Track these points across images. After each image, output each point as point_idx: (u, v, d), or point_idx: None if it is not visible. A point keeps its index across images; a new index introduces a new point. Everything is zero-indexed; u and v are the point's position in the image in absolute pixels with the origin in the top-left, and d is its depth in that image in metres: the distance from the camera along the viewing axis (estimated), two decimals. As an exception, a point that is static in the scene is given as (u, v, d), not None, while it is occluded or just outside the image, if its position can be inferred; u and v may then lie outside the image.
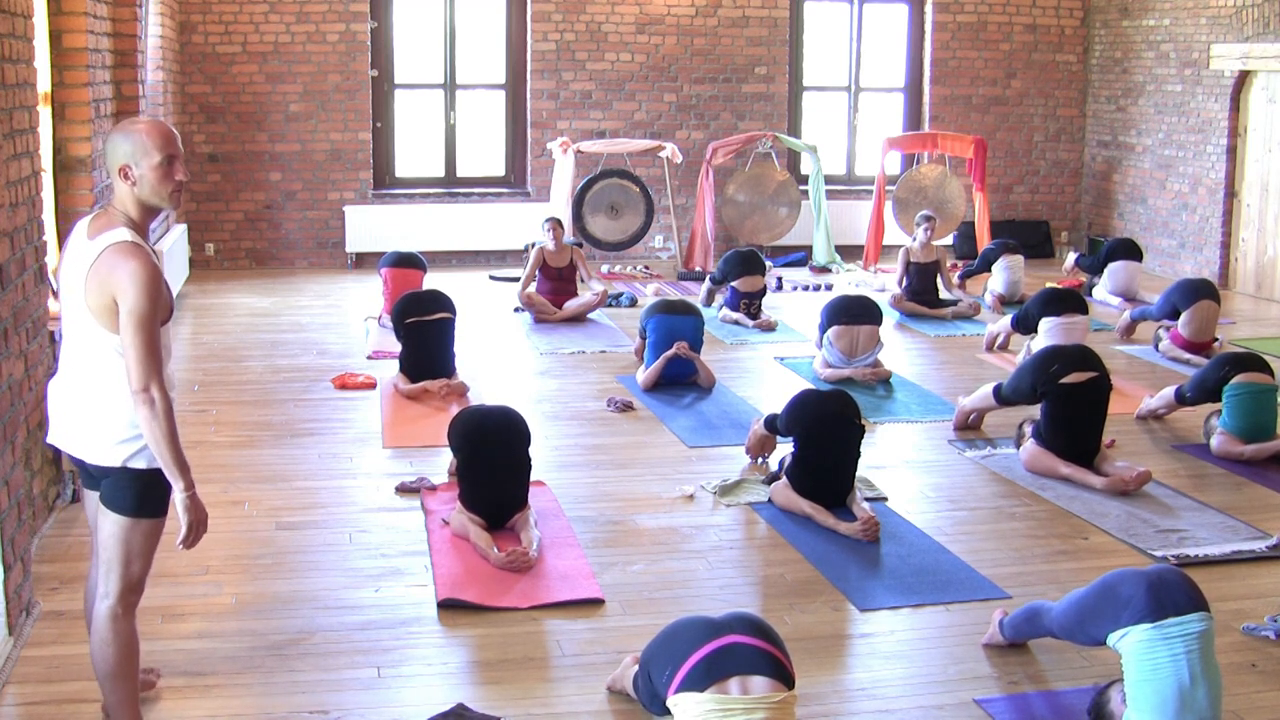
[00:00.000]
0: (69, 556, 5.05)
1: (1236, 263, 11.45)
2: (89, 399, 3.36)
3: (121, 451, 3.35)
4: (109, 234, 3.29)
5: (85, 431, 3.39)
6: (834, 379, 7.89)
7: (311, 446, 6.56)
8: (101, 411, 3.35)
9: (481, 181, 12.62)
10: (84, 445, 3.40)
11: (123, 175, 3.33)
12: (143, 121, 3.41)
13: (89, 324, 3.31)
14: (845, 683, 4.19)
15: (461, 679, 4.15)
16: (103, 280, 3.25)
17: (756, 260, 9.93)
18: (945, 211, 12.61)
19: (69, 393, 3.42)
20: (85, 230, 3.37)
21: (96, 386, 3.34)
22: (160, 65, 10.07)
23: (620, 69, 12.50)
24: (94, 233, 3.33)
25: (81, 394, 3.38)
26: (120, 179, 3.34)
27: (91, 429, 3.37)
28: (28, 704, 3.91)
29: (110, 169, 3.36)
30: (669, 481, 6.08)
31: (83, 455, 3.42)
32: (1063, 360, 6.24)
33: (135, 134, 3.34)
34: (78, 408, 3.40)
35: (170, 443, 3.27)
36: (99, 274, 3.25)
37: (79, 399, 3.39)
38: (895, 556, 5.20)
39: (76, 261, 3.33)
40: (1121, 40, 12.91)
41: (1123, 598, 3.66)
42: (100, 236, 3.30)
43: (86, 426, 3.38)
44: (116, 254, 3.25)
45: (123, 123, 3.44)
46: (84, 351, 3.35)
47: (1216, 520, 5.66)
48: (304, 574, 4.94)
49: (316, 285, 11.22)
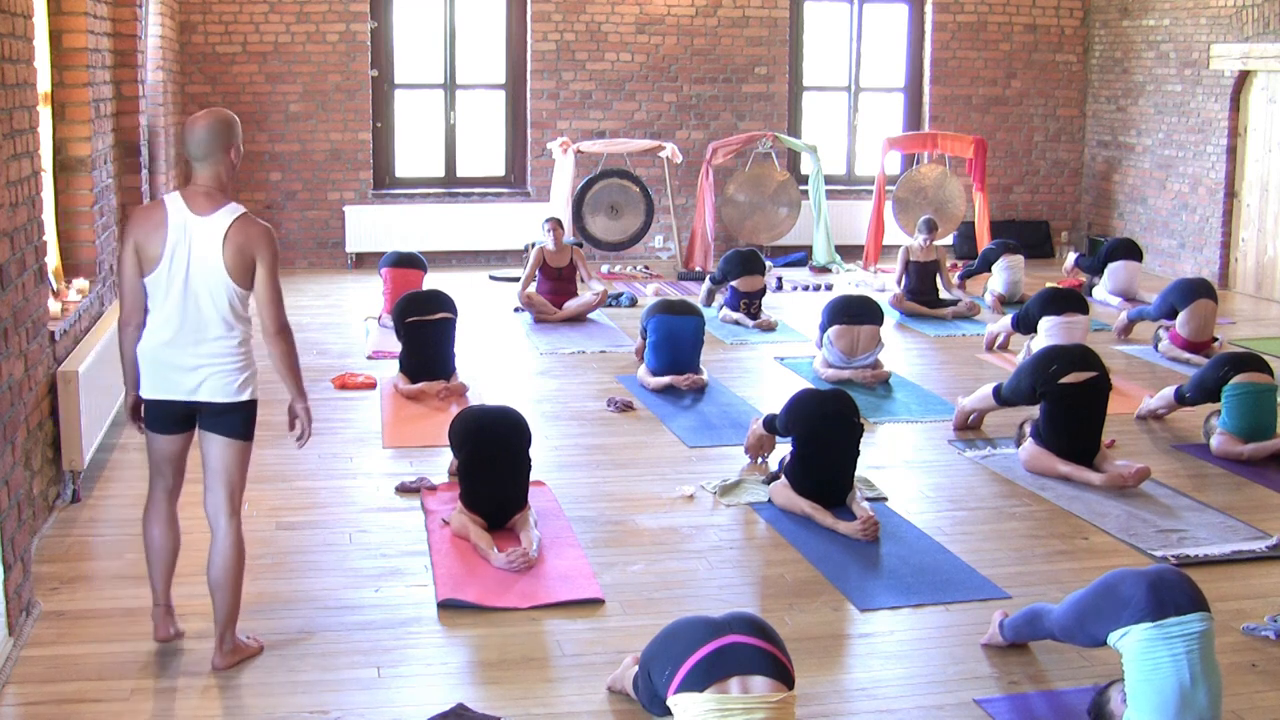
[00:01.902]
0: (69, 556, 5.05)
1: (1236, 263, 11.45)
2: (217, 349, 3.99)
3: (245, 389, 4.05)
4: (227, 208, 3.96)
5: (214, 377, 3.99)
6: (834, 379, 7.89)
7: (311, 446, 6.52)
8: (229, 358, 4.01)
9: (481, 181, 12.62)
10: (213, 389, 4.00)
11: (235, 153, 4.02)
12: (227, 111, 4.10)
13: (222, 284, 3.93)
14: (845, 683, 4.19)
15: (461, 679, 4.15)
16: (240, 245, 3.92)
17: (756, 260, 9.93)
18: (945, 211, 12.62)
19: (191, 348, 3.97)
20: (184, 206, 3.93)
21: (225, 338, 3.99)
22: (160, 65, 10.06)
23: (620, 69, 12.50)
24: (202, 209, 3.93)
25: (208, 346, 3.98)
26: (230, 156, 4.00)
27: (221, 374, 4.00)
28: (28, 704, 3.92)
29: (218, 148, 3.96)
30: (669, 481, 6.08)
31: (211, 398, 4.00)
32: (1062, 360, 6.24)
33: (235, 120, 4.04)
34: (203, 358, 3.98)
35: (299, 367, 4.15)
36: (235, 241, 3.92)
37: (205, 351, 3.98)
38: (895, 556, 5.20)
39: (200, 231, 3.91)
40: (1121, 40, 12.91)
41: (1123, 597, 3.66)
42: (218, 211, 3.94)
43: (216, 372, 3.99)
44: (248, 222, 3.96)
45: (216, 110, 4.07)
46: (210, 310, 3.95)
47: (1216, 520, 5.66)
48: (304, 574, 4.94)
49: (316, 285, 11.23)
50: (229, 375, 4.01)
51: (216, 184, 3.99)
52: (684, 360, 7.76)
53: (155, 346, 4.00)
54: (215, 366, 3.99)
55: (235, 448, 4.07)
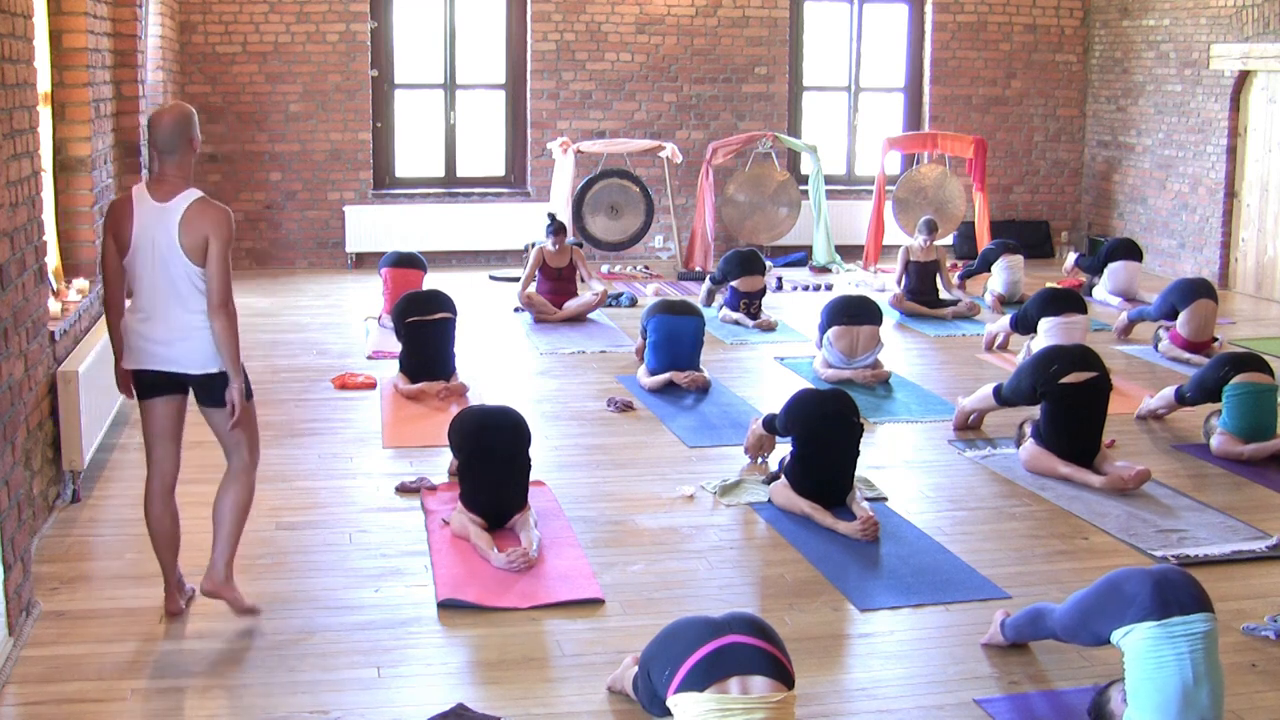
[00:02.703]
0: (69, 556, 5.05)
1: (1236, 263, 11.45)
2: (187, 323, 4.29)
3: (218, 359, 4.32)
4: (185, 194, 4.26)
5: (186, 349, 4.31)
6: (834, 379, 7.89)
7: (311, 446, 6.57)
8: (198, 330, 4.29)
9: (481, 181, 12.62)
10: (188, 360, 4.31)
11: (195, 145, 4.33)
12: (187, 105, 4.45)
13: (181, 264, 4.24)
14: (845, 683, 4.19)
15: (461, 679, 4.15)
16: (196, 226, 4.23)
17: (756, 260, 9.93)
18: (945, 211, 12.62)
19: (162, 323, 4.29)
20: (147, 196, 4.26)
21: (192, 312, 4.28)
22: (160, 65, 10.07)
23: (620, 69, 12.50)
24: (164, 197, 4.25)
25: (178, 320, 4.29)
26: (192, 149, 4.32)
27: (191, 344, 4.30)
28: (28, 704, 3.92)
29: (181, 140, 4.28)
30: (669, 481, 6.08)
31: (187, 369, 4.32)
32: (1062, 360, 6.23)
33: (194, 113, 4.38)
34: (175, 331, 4.30)
35: (237, 345, 4.32)
36: (191, 222, 4.23)
37: (175, 325, 4.29)
38: (895, 556, 5.20)
39: (160, 217, 4.23)
40: (1121, 40, 12.91)
41: (1127, 595, 3.65)
42: (177, 197, 4.25)
43: (187, 344, 4.30)
44: (205, 205, 4.28)
45: (179, 104, 4.43)
46: (176, 287, 4.26)
47: (1216, 520, 5.66)
48: (304, 574, 4.94)
49: (316, 285, 11.23)
50: (200, 345, 4.31)
51: (180, 173, 4.31)
52: (684, 361, 7.76)
53: (133, 323, 4.36)
54: (186, 339, 4.30)
55: (229, 415, 4.38)
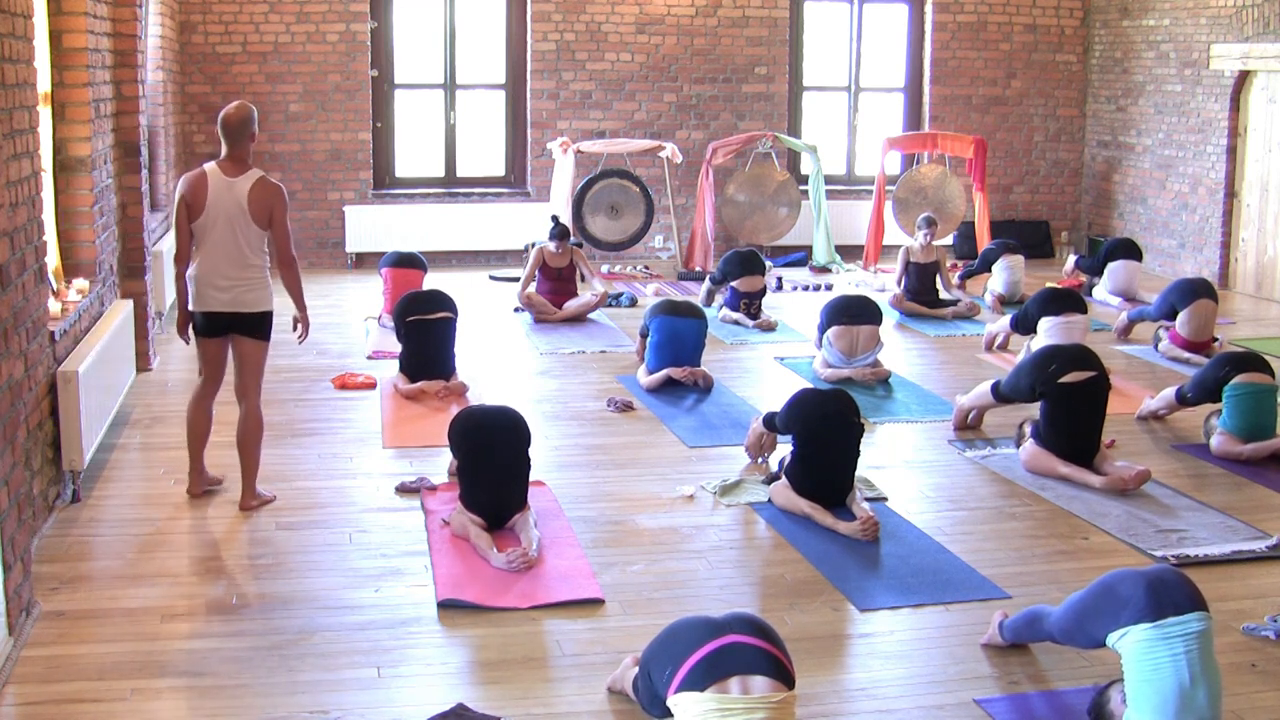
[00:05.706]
0: (69, 556, 5.06)
1: (1236, 263, 11.45)
2: (243, 274, 5.48)
3: (263, 302, 5.57)
4: (250, 173, 5.48)
5: (242, 292, 5.49)
6: (834, 379, 7.89)
7: (311, 446, 6.57)
8: (253, 280, 5.51)
9: (481, 181, 12.62)
10: (241, 301, 5.49)
11: (254, 137, 5.52)
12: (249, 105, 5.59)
13: (248, 225, 5.45)
14: (845, 683, 4.19)
15: (461, 679, 4.16)
16: (260, 198, 5.44)
17: (756, 260, 9.93)
18: (945, 211, 12.62)
19: (225, 271, 5.45)
20: (219, 173, 5.44)
21: (249, 265, 5.48)
22: (160, 65, 10.07)
23: (620, 69, 12.50)
24: (232, 174, 5.44)
25: (237, 271, 5.46)
26: (252, 139, 5.51)
27: (246, 289, 5.50)
28: (28, 704, 3.92)
29: (245, 132, 5.45)
30: (669, 481, 6.08)
31: (239, 309, 5.50)
32: (1061, 359, 6.24)
33: (255, 111, 5.56)
34: (234, 279, 5.46)
35: (302, 289, 5.69)
36: (256, 194, 5.44)
37: (234, 274, 5.46)
38: (895, 556, 5.20)
39: (230, 189, 5.43)
40: (1121, 40, 12.91)
41: (1122, 597, 3.66)
42: (244, 175, 5.46)
43: (243, 289, 5.49)
44: (266, 183, 5.49)
45: (243, 104, 5.54)
46: (245, 245, 5.45)
47: (1216, 520, 5.66)
48: (304, 574, 4.94)
49: (316, 285, 11.19)
50: (252, 291, 5.51)
51: (244, 156, 5.50)
52: (685, 362, 7.76)
53: (201, 273, 5.48)
54: (243, 285, 5.48)
55: (260, 346, 5.60)
